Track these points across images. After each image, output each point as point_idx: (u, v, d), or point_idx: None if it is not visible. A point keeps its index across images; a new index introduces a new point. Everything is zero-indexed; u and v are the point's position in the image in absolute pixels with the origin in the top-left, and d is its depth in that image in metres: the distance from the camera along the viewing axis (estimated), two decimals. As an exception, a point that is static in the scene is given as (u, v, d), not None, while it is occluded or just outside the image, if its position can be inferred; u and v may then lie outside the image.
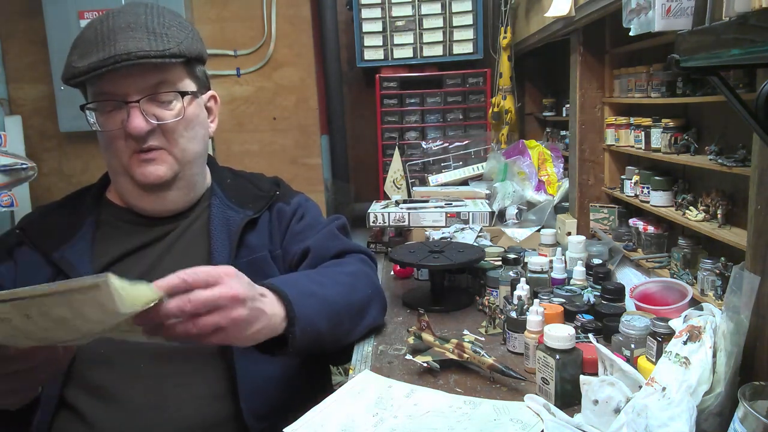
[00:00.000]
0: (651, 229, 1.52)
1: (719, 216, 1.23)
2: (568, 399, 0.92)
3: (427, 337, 1.11)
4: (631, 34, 1.01)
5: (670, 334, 0.88)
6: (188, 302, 0.72)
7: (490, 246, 1.66)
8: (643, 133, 1.53)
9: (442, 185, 2.43)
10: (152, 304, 0.68)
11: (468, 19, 2.77)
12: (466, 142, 2.61)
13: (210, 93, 1.12)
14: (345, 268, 1.12)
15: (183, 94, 1.00)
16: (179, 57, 0.97)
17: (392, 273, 1.71)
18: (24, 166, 2.34)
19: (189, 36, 1.02)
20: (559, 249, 1.50)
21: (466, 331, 1.21)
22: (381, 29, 2.81)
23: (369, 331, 1.19)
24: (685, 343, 0.81)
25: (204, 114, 1.09)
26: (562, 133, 2.38)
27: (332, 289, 1.02)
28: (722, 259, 1.17)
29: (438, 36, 2.80)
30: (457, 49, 2.81)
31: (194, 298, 0.72)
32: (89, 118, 1.00)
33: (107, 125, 0.98)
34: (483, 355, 1.02)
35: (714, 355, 0.79)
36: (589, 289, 1.30)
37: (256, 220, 1.12)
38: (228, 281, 0.77)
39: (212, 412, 0.97)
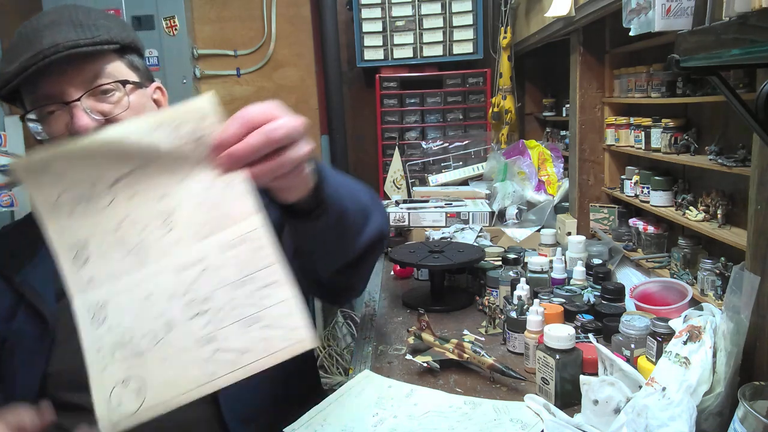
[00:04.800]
0: (651, 229, 1.52)
1: (719, 216, 1.23)
2: (568, 399, 0.92)
3: (427, 337, 1.11)
4: (631, 34, 1.01)
5: (670, 334, 0.88)
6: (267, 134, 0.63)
7: (490, 246, 1.66)
8: (643, 133, 1.53)
9: (442, 185, 2.43)
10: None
11: (468, 19, 2.77)
12: (466, 142, 2.61)
13: (155, 84, 1.06)
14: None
15: (124, 83, 0.94)
16: (111, 43, 0.92)
17: (392, 273, 1.71)
18: (24, 166, 2.33)
19: (119, 25, 0.98)
20: (559, 249, 1.50)
21: (466, 331, 1.21)
22: (381, 29, 2.81)
23: (376, 241, 1.03)
24: (685, 343, 0.81)
25: (151, 106, 1.03)
26: (562, 133, 2.38)
27: (347, 179, 0.95)
28: (722, 259, 1.17)
29: (438, 36, 2.80)
30: (457, 49, 2.81)
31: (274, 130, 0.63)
32: (33, 129, 0.94)
33: (52, 131, 0.92)
34: (483, 355, 1.02)
35: (714, 355, 0.79)
36: (589, 289, 1.30)
37: None
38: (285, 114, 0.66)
39: (190, 414, 0.95)
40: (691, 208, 1.33)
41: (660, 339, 0.90)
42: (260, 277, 0.63)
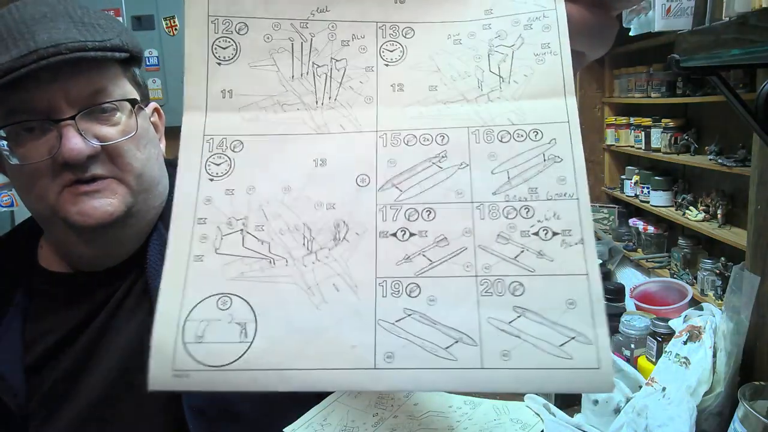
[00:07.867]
0: (651, 229, 1.52)
1: (719, 216, 1.23)
2: (568, 399, 0.92)
3: (427, 337, 1.11)
4: (631, 34, 1.02)
5: (670, 334, 0.88)
6: None
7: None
8: (643, 133, 1.53)
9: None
10: None
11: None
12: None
13: (153, 105, 0.83)
14: None
15: (133, 102, 0.74)
16: (122, 51, 0.72)
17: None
18: (24, 166, 2.32)
19: (122, 28, 0.77)
20: (559, 249, 1.50)
21: (466, 331, 1.21)
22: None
23: None
24: (685, 343, 0.81)
25: (152, 132, 0.80)
26: (562, 133, 2.38)
27: None
28: (722, 259, 1.17)
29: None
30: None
31: None
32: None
33: (28, 155, 0.69)
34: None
35: (714, 355, 0.79)
36: (589, 289, 1.30)
37: None
38: None
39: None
40: (691, 208, 1.33)
41: (660, 339, 0.90)
42: None
